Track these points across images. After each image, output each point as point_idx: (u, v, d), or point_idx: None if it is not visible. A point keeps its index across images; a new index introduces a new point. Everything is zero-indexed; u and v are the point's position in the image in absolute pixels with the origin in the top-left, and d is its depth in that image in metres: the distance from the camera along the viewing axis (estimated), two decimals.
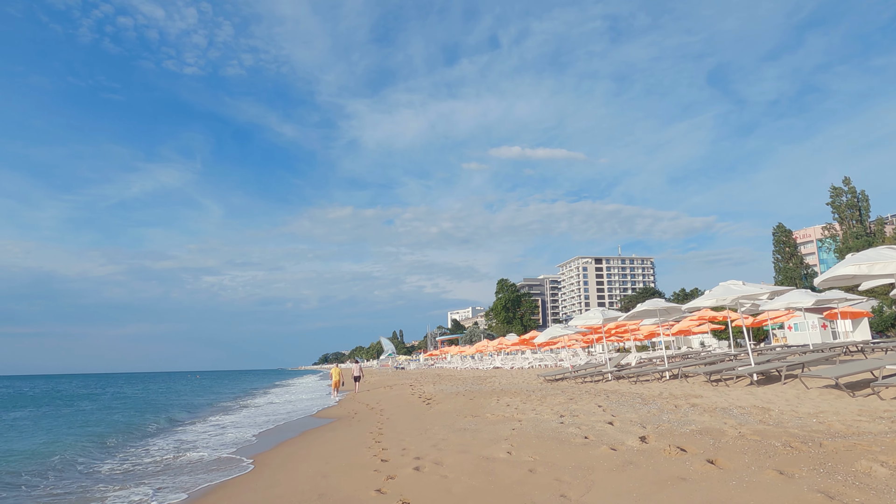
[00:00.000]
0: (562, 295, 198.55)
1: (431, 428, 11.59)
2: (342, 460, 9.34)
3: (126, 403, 34.81)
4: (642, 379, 15.87)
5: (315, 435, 14.34)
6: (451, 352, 58.77)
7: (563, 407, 11.29)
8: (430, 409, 15.75)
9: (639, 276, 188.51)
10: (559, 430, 8.71)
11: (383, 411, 17.46)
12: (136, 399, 39.91)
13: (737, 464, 5.68)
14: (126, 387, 71.03)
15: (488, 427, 10.23)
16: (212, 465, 10.74)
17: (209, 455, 12.09)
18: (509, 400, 14.52)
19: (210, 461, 11.28)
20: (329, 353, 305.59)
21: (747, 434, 6.91)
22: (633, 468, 6.02)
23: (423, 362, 74.43)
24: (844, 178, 72.28)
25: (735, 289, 12.24)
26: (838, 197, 73.46)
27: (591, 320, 17.43)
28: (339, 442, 12.02)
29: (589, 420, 9.18)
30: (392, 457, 8.80)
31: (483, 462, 7.24)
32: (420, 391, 22.45)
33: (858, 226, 72.02)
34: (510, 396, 15.60)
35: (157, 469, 10.85)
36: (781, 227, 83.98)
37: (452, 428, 11.04)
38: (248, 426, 18.32)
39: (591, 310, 18.14)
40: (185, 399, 38.09)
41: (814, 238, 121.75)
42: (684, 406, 9.36)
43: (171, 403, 33.06)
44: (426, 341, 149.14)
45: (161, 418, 22.90)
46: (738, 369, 11.97)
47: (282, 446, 12.83)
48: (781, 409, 8.70)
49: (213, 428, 18.31)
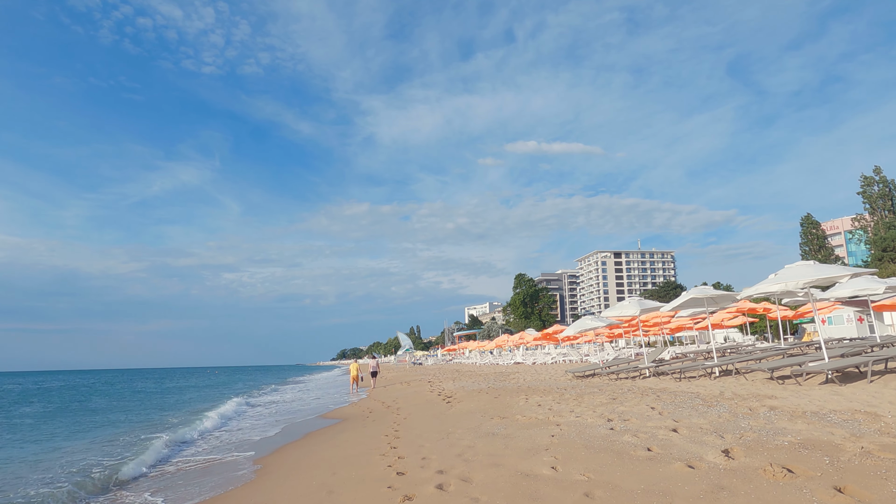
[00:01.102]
0: (580, 290, 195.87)
1: (454, 431, 10.16)
2: (352, 471, 7.96)
3: (133, 401, 33.98)
4: (688, 375, 14.26)
5: (325, 437, 13.00)
6: (470, 347, 57.28)
7: (606, 408, 9.76)
8: (451, 409, 14.32)
9: (659, 271, 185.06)
10: (611, 438, 7.20)
11: (400, 410, 16.09)
12: (147, 395, 39.16)
13: (882, 495, 4.14)
14: (143, 382, 70.91)
15: (521, 432, 8.76)
16: (203, 475, 9.42)
17: (203, 461, 10.79)
18: (540, 399, 13.02)
19: (200, 469, 9.97)
20: (347, 349, 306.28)
21: (873, 450, 5.33)
22: (729, 497, 4.51)
23: (440, 358, 73.09)
24: (875, 167, 69.03)
25: (808, 271, 10.53)
26: (869, 186, 70.31)
27: (627, 310, 15.82)
28: (350, 446, 10.65)
29: (645, 426, 7.65)
30: (410, 468, 7.39)
31: (522, 481, 5.77)
32: (439, 388, 21.05)
33: (891, 216, 68.86)
34: (540, 395, 14.10)
35: (141, 477, 9.59)
36: (809, 217, 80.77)
37: (478, 432, 9.59)
38: (255, 427, 17.08)
39: (626, 300, 16.57)
40: (193, 394, 37.22)
41: (842, 230, 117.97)
42: (761, 409, 7.79)
43: (178, 400, 32.11)
44: (443, 336, 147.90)
45: (164, 415, 21.85)
46: (807, 365, 10.33)
47: (287, 450, 11.50)
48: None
49: (216, 426, 17.10)
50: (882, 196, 70.37)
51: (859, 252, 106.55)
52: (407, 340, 61.80)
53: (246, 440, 13.72)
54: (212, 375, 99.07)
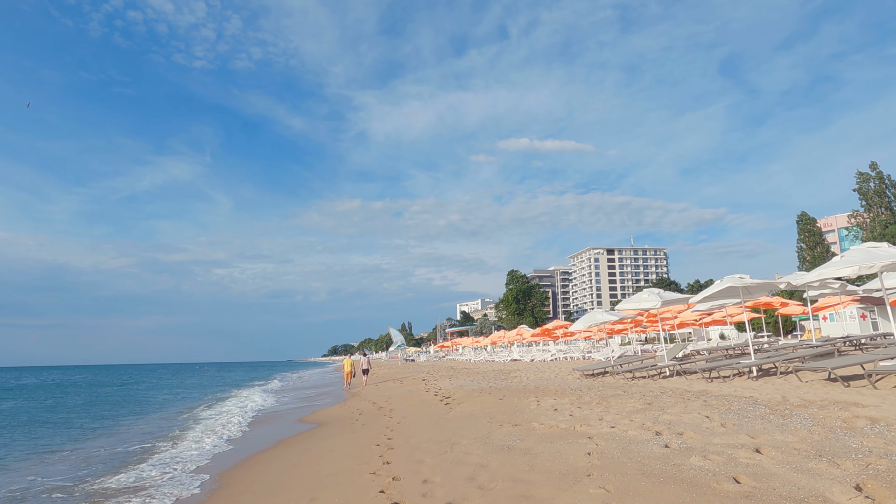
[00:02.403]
0: (573, 287, 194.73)
1: (459, 442, 8.46)
2: (334, 496, 6.25)
3: (109, 398, 32.05)
4: (721, 375, 12.63)
5: (304, 446, 11.25)
6: (464, 343, 55.56)
7: (645, 416, 8.08)
8: (451, 412, 12.61)
9: (651, 268, 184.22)
10: (671, 460, 5.52)
11: (393, 412, 14.36)
12: (126, 392, 37.22)
13: None
14: (127, 377, 68.74)
15: (545, 447, 7.06)
16: (150, 496, 7.64)
17: (155, 479, 9.00)
18: (554, 401, 11.33)
19: (144, 488, 8.18)
20: (338, 346, 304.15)
21: None
22: None
23: (433, 354, 71.38)
24: (871, 162, 67.82)
25: (883, 252, 8.89)
26: (865, 183, 69.09)
27: (646, 303, 14.17)
28: (334, 459, 8.92)
29: (711, 443, 5.98)
30: (408, 496, 5.69)
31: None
32: (435, 387, 19.33)
33: (887, 213, 67.81)
34: (553, 396, 12.41)
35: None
36: (805, 214, 79.70)
37: (489, 444, 7.89)
38: (230, 427, 15.30)
39: (644, 291, 14.91)
40: (170, 393, 35.32)
41: (835, 227, 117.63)
42: (858, 421, 6.13)
43: (152, 399, 30.18)
44: (435, 333, 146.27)
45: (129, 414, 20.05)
46: (879, 364, 8.76)
47: (254, 464, 9.73)
48: None
49: (187, 429, 15.29)
50: (878, 193, 69.29)
51: None
52: (399, 336, 60.02)
53: (213, 449, 11.93)
54: (201, 372, 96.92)
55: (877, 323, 46.79)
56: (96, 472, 10.08)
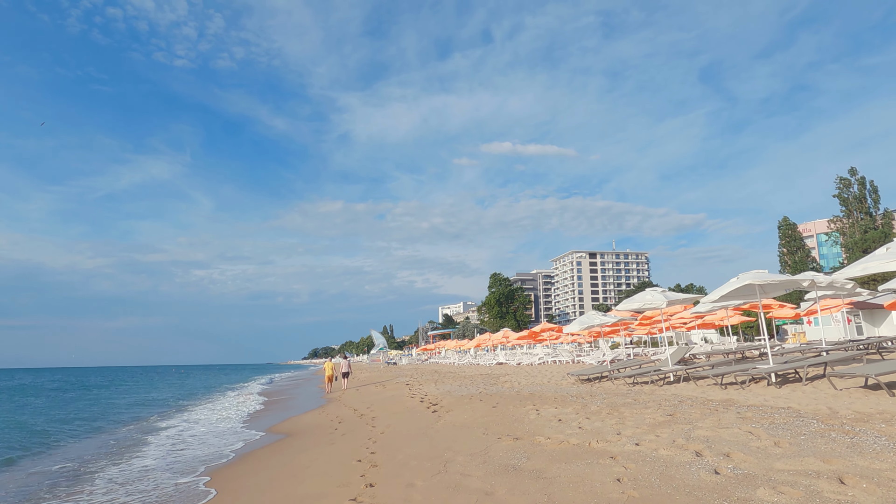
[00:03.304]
0: (555, 290, 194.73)
1: (453, 459, 7.27)
2: None
3: (67, 405, 30.24)
4: (738, 381, 11.59)
5: (275, 460, 9.95)
6: (448, 346, 54.26)
7: (673, 431, 6.95)
8: (440, 421, 11.41)
9: (633, 272, 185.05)
10: (733, 492, 4.39)
11: (376, 420, 13.11)
12: (88, 399, 35.33)
13: None
14: (100, 379, 66.17)
15: (560, 469, 5.90)
16: None
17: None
18: (556, 410, 10.19)
19: None
20: (319, 348, 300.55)
21: None
22: None
23: (415, 357, 69.96)
24: (851, 168, 68.15)
25: None
26: (846, 188, 69.42)
27: (651, 303, 13.07)
28: (308, 479, 7.67)
29: (772, 467, 4.86)
30: None
31: None
32: (420, 392, 18.10)
33: (868, 218, 68.26)
34: (553, 404, 11.26)
35: None
36: (787, 220, 79.95)
37: (490, 462, 6.71)
38: (195, 439, 13.92)
39: (647, 290, 13.83)
40: (137, 398, 33.52)
41: (814, 232, 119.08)
42: None
43: (112, 407, 28.41)
44: (417, 336, 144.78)
45: (76, 428, 18.47)
46: None
47: (225, 480, 8.44)
48: None
49: (141, 444, 13.87)
50: (858, 198, 69.70)
51: (831, 255, 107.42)
52: (381, 339, 58.65)
53: (158, 465, 10.58)
54: (177, 374, 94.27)
55: (861, 327, 46.51)
56: None
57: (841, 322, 47.16)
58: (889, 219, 66.69)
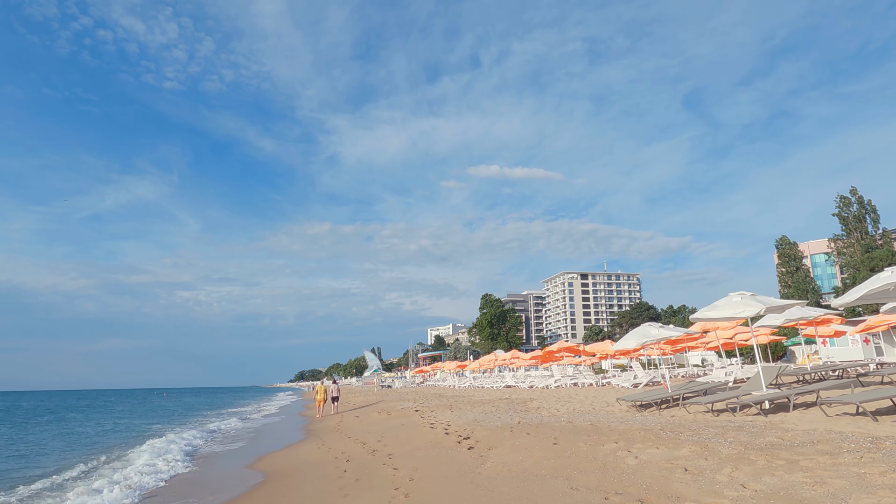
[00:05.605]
0: (546, 311, 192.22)
1: None
2: None
3: (28, 435, 26.96)
4: (868, 411, 9.00)
5: None
6: (447, 367, 51.15)
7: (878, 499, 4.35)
8: (487, 464, 8.65)
9: (625, 293, 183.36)
10: None
11: (394, 459, 10.24)
12: (56, 426, 31.96)
13: None
14: (75, 403, 61.99)
15: None
16: None
17: None
18: (660, 452, 7.49)
19: None
20: (305, 371, 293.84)
21: None
22: None
23: (409, 379, 66.65)
24: (851, 188, 67.23)
25: None
26: (846, 207, 68.30)
27: (737, 309, 10.45)
28: None
29: None
30: None
31: None
32: (438, 421, 15.25)
33: (868, 237, 67.05)
34: (644, 443, 8.55)
35: None
36: (785, 239, 78.61)
37: None
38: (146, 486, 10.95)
39: (730, 294, 11.24)
40: (110, 424, 30.19)
41: (808, 253, 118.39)
42: None
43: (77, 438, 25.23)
44: (407, 357, 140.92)
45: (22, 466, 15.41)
46: None
47: None
48: None
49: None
50: (858, 217, 68.61)
51: (826, 276, 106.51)
52: (375, 360, 55.57)
53: None
54: (159, 398, 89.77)
55: (881, 348, 44.32)
56: None
57: (859, 343, 44.96)
58: (889, 238, 65.50)
